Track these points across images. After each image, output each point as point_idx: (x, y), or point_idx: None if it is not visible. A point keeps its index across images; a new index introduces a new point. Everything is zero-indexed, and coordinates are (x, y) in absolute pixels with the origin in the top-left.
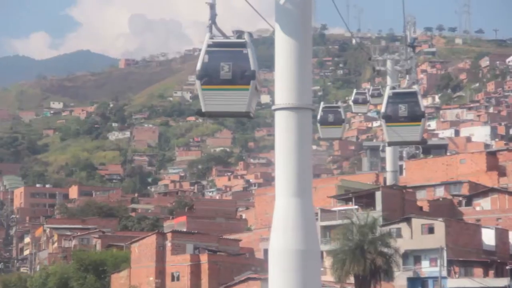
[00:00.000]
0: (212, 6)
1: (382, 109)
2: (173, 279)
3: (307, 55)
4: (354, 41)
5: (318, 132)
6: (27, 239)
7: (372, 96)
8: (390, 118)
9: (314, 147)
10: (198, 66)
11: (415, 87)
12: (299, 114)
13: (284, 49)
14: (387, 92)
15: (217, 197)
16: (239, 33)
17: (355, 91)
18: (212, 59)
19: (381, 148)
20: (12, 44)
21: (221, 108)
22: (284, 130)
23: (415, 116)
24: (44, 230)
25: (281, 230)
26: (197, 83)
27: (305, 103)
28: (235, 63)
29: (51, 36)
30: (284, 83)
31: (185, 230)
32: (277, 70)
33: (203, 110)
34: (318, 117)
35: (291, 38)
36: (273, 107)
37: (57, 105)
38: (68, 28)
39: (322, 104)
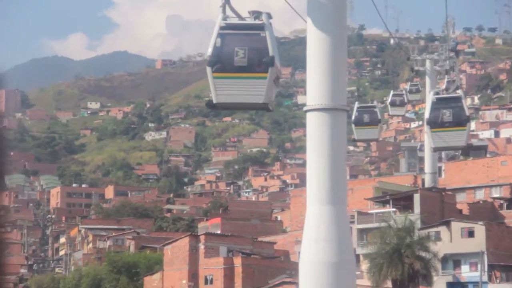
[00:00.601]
0: None
1: (426, 114)
2: (206, 283)
3: (341, 52)
4: (392, 41)
5: (353, 133)
6: (62, 239)
7: (410, 92)
8: (435, 124)
9: (351, 148)
10: (209, 51)
11: (459, 92)
12: (333, 115)
13: (316, 45)
14: (431, 97)
15: (253, 198)
16: (256, 14)
17: (392, 92)
18: (225, 43)
19: (418, 147)
20: (50, 45)
21: (235, 99)
22: (316, 133)
23: (460, 121)
24: (79, 231)
25: (313, 241)
26: (208, 71)
27: (339, 103)
28: (251, 47)
29: (89, 37)
30: (316, 82)
31: (219, 231)
32: (309, 68)
33: (214, 101)
34: (353, 117)
35: (324, 33)
36: (305, 108)
37: (94, 105)
38: (106, 29)
39: (356, 104)
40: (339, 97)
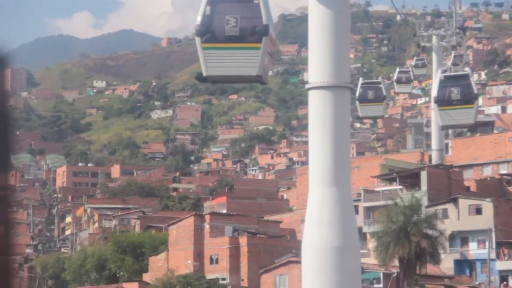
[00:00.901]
0: None
1: (434, 93)
2: (211, 262)
3: (344, 27)
4: (398, 18)
5: (357, 110)
6: (68, 219)
7: (416, 66)
8: (442, 102)
9: (358, 124)
10: (198, 20)
11: (467, 70)
12: (336, 93)
13: (318, 20)
14: (439, 75)
15: (260, 176)
16: None
17: (398, 69)
18: (215, 11)
19: (424, 123)
20: (56, 24)
21: (227, 72)
22: (319, 112)
23: (468, 99)
24: (85, 210)
25: (316, 224)
26: (197, 41)
27: (342, 80)
28: (243, 16)
29: (94, 15)
30: (319, 59)
31: (225, 210)
32: (311, 44)
33: (204, 74)
34: (357, 94)
35: (326, 7)
36: (307, 86)
37: (100, 84)
38: (110, 7)
39: (361, 80)
40: (342, 74)
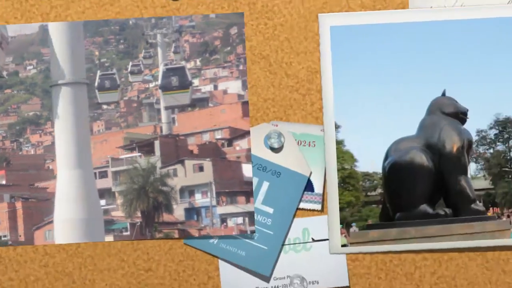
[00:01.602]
0: None
1: (159, 81)
2: None
3: (77, 33)
4: (131, 22)
5: (97, 98)
6: None
7: (145, 57)
8: (165, 88)
9: (105, 106)
10: None
11: (183, 63)
12: (75, 89)
13: (53, 30)
14: (161, 68)
15: (32, 151)
16: None
17: (130, 63)
18: None
19: (155, 101)
20: None
21: None
22: (60, 106)
23: (184, 85)
24: None
25: (64, 201)
26: None
27: (79, 77)
28: None
29: None
30: (59, 59)
31: (4, 182)
32: (53, 47)
33: None
34: (96, 84)
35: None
36: (50, 84)
37: None
38: None
39: (99, 72)
40: (79, 71)
